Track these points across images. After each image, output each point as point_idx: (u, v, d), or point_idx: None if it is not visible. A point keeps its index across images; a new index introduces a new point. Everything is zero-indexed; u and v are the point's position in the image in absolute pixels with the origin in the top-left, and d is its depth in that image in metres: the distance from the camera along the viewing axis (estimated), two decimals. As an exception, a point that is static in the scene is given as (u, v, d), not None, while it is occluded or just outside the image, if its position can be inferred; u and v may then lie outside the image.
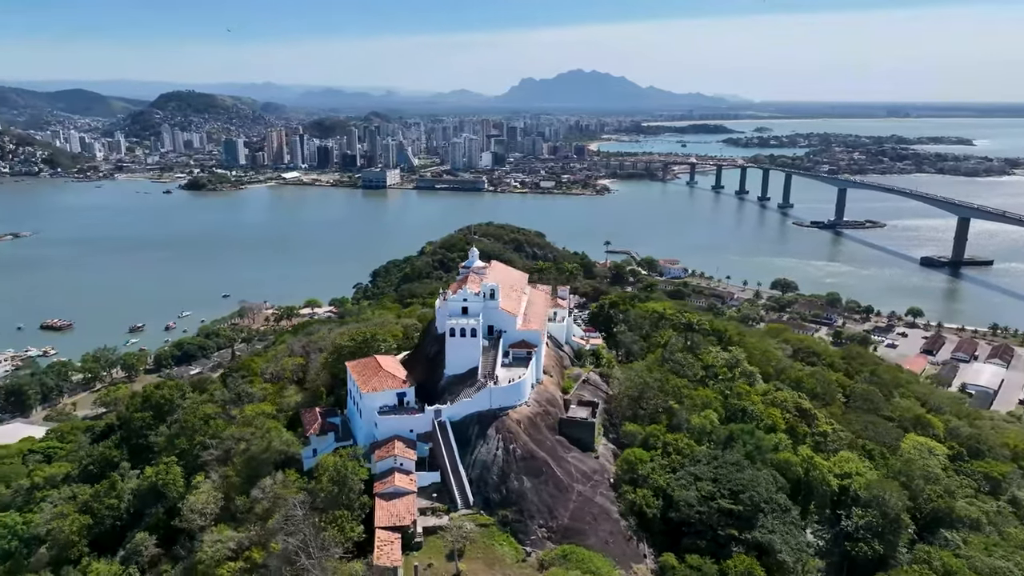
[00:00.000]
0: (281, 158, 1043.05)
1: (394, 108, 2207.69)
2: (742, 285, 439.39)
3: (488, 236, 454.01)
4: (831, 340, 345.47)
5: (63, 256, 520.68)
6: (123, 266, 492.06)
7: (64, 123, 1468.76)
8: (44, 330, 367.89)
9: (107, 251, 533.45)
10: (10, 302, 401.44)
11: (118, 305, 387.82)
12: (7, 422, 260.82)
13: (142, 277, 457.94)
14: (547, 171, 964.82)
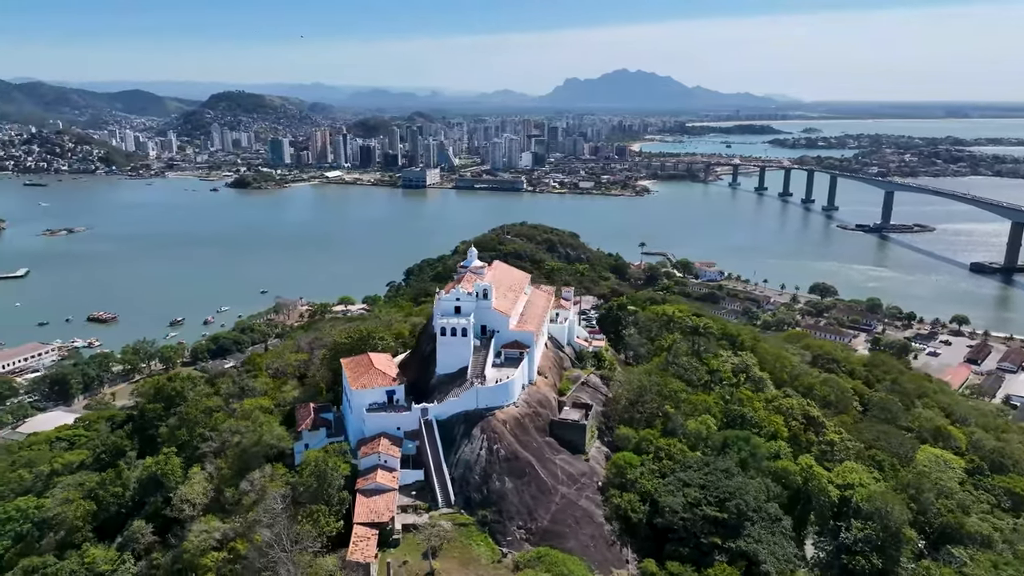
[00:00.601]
0: (325, 157, 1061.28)
1: (438, 108, 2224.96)
2: (779, 289, 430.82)
3: (521, 236, 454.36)
4: (868, 347, 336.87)
5: (113, 251, 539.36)
6: (168, 261, 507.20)
7: (121, 123, 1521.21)
8: (91, 322, 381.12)
9: (154, 246, 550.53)
10: (62, 295, 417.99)
11: (161, 299, 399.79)
12: (50, 409, 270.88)
13: (185, 272, 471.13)
14: (587, 171, 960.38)
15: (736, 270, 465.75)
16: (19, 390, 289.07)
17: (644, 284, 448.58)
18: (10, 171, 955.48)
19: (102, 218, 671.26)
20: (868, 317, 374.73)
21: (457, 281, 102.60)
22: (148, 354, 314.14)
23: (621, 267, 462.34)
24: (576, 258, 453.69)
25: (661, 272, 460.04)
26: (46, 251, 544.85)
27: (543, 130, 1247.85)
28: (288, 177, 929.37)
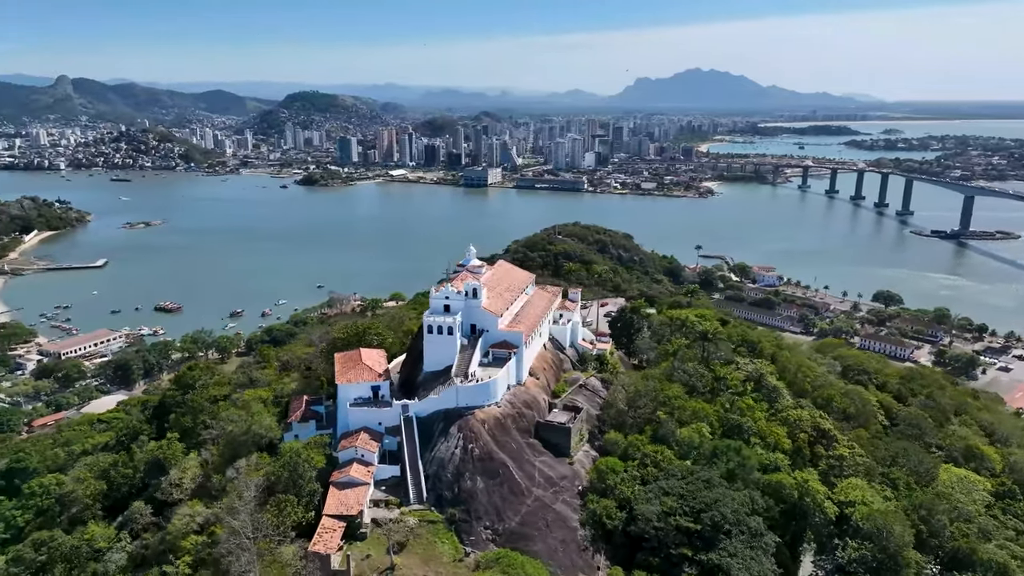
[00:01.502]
0: (391, 156, 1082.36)
1: (507, 108, 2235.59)
2: (840, 296, 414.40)
3: (572, 236, 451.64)
4: (933, 359, 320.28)
5: (185, 244, 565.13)
6: (234, 255, 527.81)
7: (203, 121, 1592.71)
8: (158, 311, 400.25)
9: (223, 240, 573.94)
10: (134, 285, 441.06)
11: (224, 291, 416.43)
12: (112, 393, 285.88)
13: (249, 266, 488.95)
14: (650, 172, 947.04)
15: (797, 276, 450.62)
16: (87, 373, 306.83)
17: (698, 287, 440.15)
18: (100, 167, 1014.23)
19: (177, 212, 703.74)
20: (934, 328, 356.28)
21: (453, 280, 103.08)
22: (205, 343, 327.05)
23: (675, 270, 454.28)
24: (628, 260, 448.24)
25: (716, 276, 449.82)
26: (124, 243, 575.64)
27: (608, 130, 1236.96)
28: (354, 175, 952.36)
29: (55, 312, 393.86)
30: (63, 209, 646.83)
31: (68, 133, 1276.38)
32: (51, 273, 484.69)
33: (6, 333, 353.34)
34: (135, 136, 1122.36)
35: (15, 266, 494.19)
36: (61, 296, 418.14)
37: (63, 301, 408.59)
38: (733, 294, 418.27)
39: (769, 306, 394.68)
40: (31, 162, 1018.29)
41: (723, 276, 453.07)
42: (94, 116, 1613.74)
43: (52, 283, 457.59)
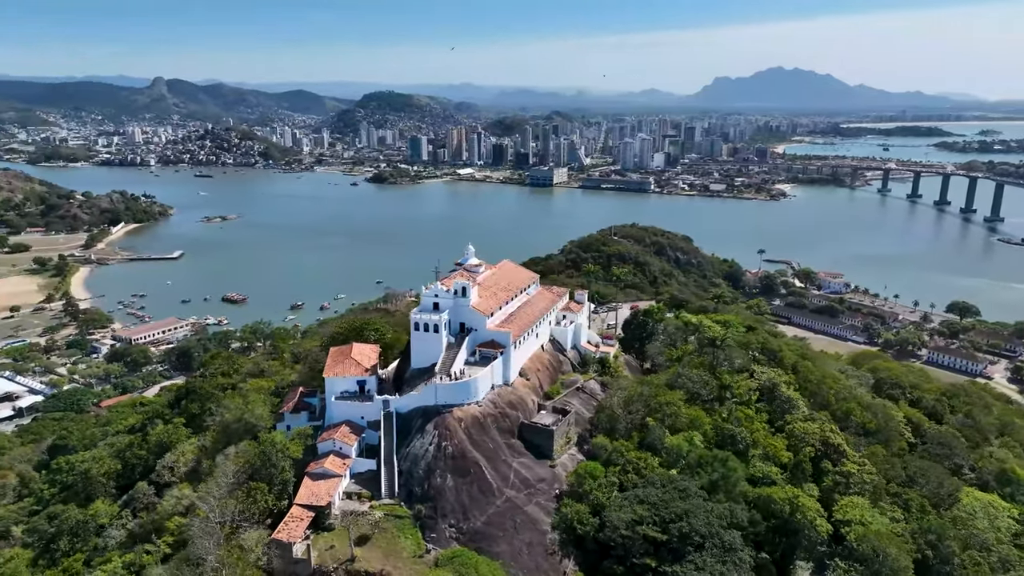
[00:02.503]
0: (460, 155, 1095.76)
1: (581, 108, 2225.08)
2: (911, 306, 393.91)
3: (629, 237, 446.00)
4: (1009, 375, 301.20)
5: (256, 238, 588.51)
6: (301, 249, 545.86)
7: (284, 120, 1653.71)
8: (224, 302, 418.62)
9: (292, 235, 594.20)
10: (205, 276, 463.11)
11: (289, 284, 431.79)
12: (174, 378, 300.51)
13: (315, 260, 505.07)
14: (721, 173, 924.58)
15: (866, 283, 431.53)
16: (152, 359, 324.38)
17: (758, 293, 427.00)
18: (186, 163, 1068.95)
19: (252, 207, 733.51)
20: (1013, 342, 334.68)
21: (449, 278, 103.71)
22: (263, 334, 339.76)
23: (735, 274, 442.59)
24: (686, 263, 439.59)
25: (778, 281, 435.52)
26: (201, 236, 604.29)
27: (680, 130, 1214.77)
28: (423, 173, 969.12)
29: (131, 300, 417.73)
30: (148, 203, 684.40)
31: (160, 131, 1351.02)
32: (132, 263, 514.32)
33: (86, 318, 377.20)
34: (219, 134, 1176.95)
35: (101, 256, 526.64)
36: (139, 285, 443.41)
37: (140, 290, 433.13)
38: (794, 300, 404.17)
39: (832, 314, 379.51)
40: (125, 158, 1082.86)
41: (785, 281, 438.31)
42: (185, 115, 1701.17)
43: (132, 273, 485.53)
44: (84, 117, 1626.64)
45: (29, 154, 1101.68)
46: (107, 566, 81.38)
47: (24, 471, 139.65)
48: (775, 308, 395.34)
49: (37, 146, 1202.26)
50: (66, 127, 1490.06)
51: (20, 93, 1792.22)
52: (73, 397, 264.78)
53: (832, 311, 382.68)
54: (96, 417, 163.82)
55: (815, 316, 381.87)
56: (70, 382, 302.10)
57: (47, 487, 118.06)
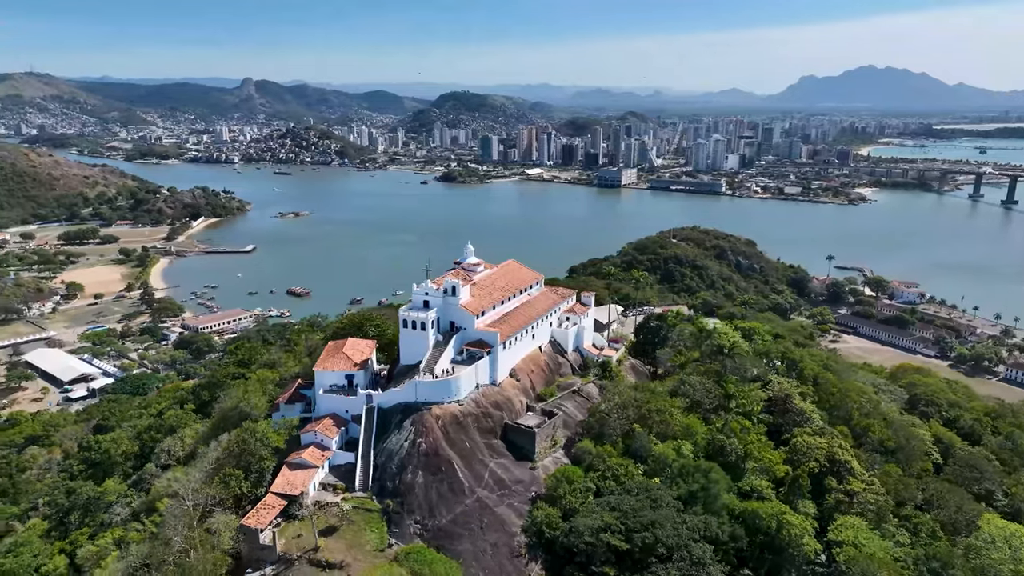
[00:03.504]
0: (530, 155, 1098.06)
1: (658, 108, 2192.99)
2: (992, 319, 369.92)
3: (689, 240, 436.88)
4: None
5: (326, 233, 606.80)
6: (367, 245, 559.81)
7: (363, 120, 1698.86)
8: (289, 295, 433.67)
9: (359, 231, 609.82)
10: (274, 269, 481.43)
11: (351, 279, 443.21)
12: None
13: (378, 256, 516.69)
14: (798, 176, 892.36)
15: (944, 294, 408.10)
16: (215, 348, 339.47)
17: (824, 301, 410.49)
18: (267, 161, 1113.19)
19: (325, 204, 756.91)
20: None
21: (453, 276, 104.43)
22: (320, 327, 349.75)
23: (800, 280, 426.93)
24: (748, 267, 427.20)
25: (847, 289, 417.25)
26: (274, 231, 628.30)
27: (757, 131, 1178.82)
28: (491, 173, 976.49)
29: (203, 290, 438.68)
30: (227, 199, 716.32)
31: (246, 130, 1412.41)
32: (208, 256, 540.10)
33: (160, 307, 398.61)
34: (298, 133, 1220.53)
35: (180, 248, 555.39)
36: (211, 277, 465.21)
37: (212, 281, 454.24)
38: (862, 310, 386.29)
39: (901, 325, 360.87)
40: (212, 156, 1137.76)
41: (854, 289, 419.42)
42: (270, 115, 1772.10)
43: (207, 265, 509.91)
44: (178, 116, 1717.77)
45: (127, 151, 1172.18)
46: (100, 541, 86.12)
47: (70, 448, 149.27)
48: (840, 317, 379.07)
49: (135, 144, 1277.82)
50: (162, 126, 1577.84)
51: (124, 94, 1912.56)
52: (139, 381, 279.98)
53: (902, 322, 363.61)
54: (140, 400, 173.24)
55: (883, 327, 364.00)
56: (139, 367, 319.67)
57: (77, 464, 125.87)
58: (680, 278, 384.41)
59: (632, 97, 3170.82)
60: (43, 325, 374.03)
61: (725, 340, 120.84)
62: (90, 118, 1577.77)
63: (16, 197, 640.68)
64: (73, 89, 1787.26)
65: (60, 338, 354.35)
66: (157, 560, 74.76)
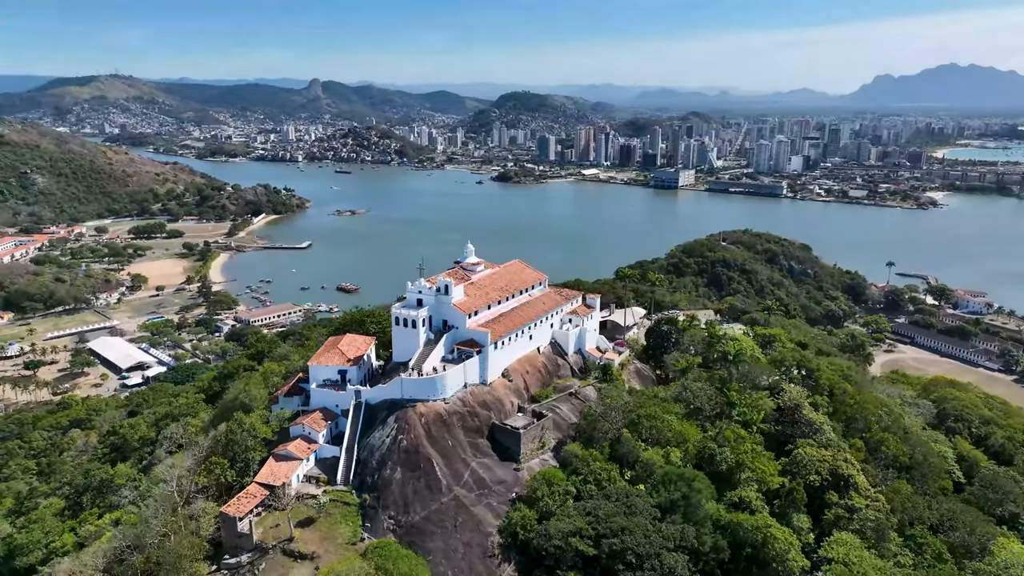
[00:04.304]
0: (587, 155, 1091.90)
1: (723, 108, 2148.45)
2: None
3: (739, 244, 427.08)
4: None
5: (378, 231, 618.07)
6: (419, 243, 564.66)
7: (424, 120, 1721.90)
8: (339, 291, 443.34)
9: (412, 229, 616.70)
10: (327, 265, 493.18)
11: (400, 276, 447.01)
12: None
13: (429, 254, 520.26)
14: (865, 179, 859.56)
15: (1014, 305, 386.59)
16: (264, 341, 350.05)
17: (882, 308, 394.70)
18: (329, 160, 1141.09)
19: (381, 202, 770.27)
20: None
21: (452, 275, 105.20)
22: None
23: (857, 287, 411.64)
24: (801, 272, 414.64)
25: (906, 297, 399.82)
26: (330, 228, 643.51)
27: (823, 132, 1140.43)
28: (547, 173, 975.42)
29: (258, 285, 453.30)
30: (287, 196, 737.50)
31: (311, 129, 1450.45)
32: (266, 251, 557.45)
33: (216, 300, 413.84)
34: (359, 132, 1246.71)
35: (240, 243, 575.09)
36: (267, 272, 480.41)
37: (267, 276, 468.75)
38: (921, 319, 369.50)
39: (963, 336, 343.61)
40: (277, 154, 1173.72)
41: (914, 298, 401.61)
42: (336, 115, 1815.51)
43: (264, 260, 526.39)
44: (249, 116, 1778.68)
45: (198, 149, 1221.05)
46: (99, 521, 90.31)
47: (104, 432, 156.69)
48: (897, 326, 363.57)
49: (206, 142, 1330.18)
50: (233, 125, 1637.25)
51: (199, 95, 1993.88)
52: (189, 370, 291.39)
53: (964, 333, 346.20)
54: (176, 388, 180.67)
55: (943, 337, 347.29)
56: (192, 357, 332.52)
57: (102, 447, 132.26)
58: (727, 282, 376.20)
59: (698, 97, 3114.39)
60: (108, 315, 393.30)
61: (731, 346, 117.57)
62: (167, 118, 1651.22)
63: (93, 193, 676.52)
64: (153, 90, 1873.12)
65: (122, 327, 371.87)
66: (142, 542, 77.79)
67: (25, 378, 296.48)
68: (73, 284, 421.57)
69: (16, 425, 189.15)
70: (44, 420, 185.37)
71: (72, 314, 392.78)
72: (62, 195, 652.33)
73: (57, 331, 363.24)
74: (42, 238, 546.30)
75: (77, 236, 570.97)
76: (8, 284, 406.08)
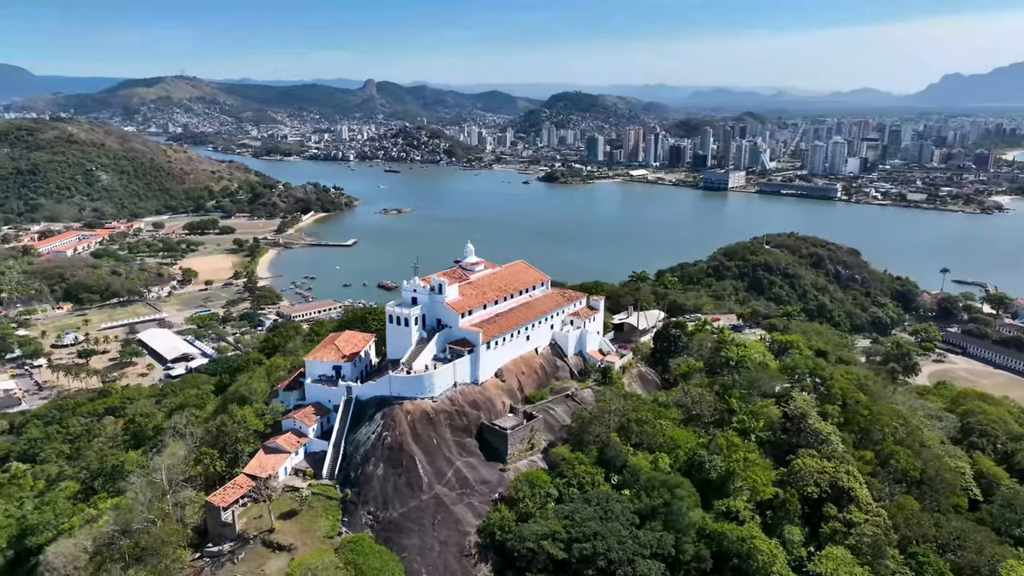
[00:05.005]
0: (636, 155, 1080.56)
1: (780, 109, 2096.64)
2: None
3: (783, 247, 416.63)
4: None
5: (423, 230, 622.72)
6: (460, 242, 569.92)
7: (476, 120, 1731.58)
8: (379, 288, 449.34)
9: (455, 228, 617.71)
10: (370, 263, 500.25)
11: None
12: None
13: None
14: (925, 181, 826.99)
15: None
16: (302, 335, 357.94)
17: (934, 317, 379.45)
18: (380, 159, 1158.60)
19: (427, 201, 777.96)
20: None
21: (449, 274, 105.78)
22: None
23: (908, 294, 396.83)
24: (848, 277, 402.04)
25: (960, 305, 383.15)
26: (376, 226, 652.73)
27: (883, 133, 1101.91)
28: (595, 174, 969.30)
29: (302, 281, 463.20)
30: (336, 194, 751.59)
31: (364, 129, 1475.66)
32: (312, 248, 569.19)
33: (260, 295, 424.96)
34: (409, 132, 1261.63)
35: (288, 240, 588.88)
36: (312, 268, 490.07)
37: (312, 273, 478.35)
38: (975, 328, 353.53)
39: (1020, 347, 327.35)
40: (329, 154, 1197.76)
41: (969, 306, 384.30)
42: (389, 115, 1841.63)
43: (310, 257, 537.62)
44: (304, 116, 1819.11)
45: (255, 148, 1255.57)
46: (101, 505, 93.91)
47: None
48: (948, 336, 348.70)
49: (263, 141, 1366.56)
50: (289, 125, 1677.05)
51: (259, 95, 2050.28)
52: (228, 363, 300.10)
53: (1021, 344, 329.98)
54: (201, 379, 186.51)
55: (998, 348, 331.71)
56: (233, 349, 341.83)
57: (123, 433, 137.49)
58: (768, 286, 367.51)
59: (754, 97, 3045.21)
60: (158, 307, 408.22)
61: (733, 352, 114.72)
62: (227, 117, 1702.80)
63: (152, 189, 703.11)
64: (215, 91, 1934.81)
65: (170, 320, 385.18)
66: (130, 527, 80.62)
67: (78, 366, 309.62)
68: (128, 277, 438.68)
69: (58, 411, 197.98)
70: (83, 407, 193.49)
71: (126, 306, 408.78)
72: (123, 191, 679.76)
73: (111, 322, 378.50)
74: (103, 232, 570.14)
75: (135, 231, 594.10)
76: (69, 276, 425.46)
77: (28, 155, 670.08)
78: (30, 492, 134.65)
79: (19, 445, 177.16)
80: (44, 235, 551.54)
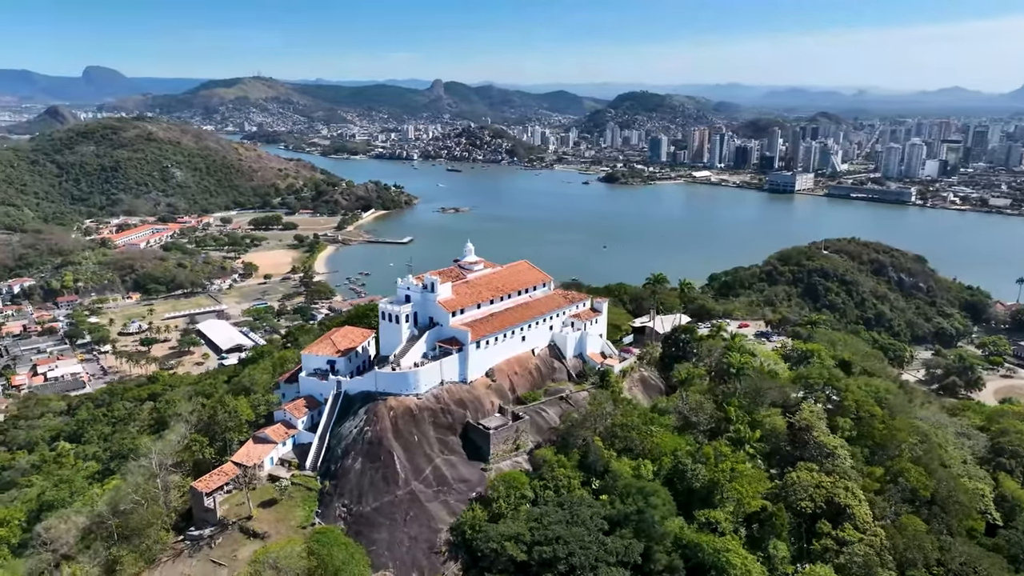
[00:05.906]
0: (701, 156, 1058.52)
1: (859, 108, 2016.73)
2: None
3: (843, 252, 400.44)
4: None
5: (479, 228, 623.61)
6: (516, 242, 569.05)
7: (541, 120, 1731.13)
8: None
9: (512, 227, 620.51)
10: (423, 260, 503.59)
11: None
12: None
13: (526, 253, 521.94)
14: (1011, 186, 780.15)
15: None
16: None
17: (1006, 329, 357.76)
18: (443, 158, 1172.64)
19: (486, 200, 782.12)
20: None
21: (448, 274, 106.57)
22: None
23: (978, 304, 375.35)
24: (911, 285, 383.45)
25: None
26: (434, 224, 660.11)
27: (967, 135, 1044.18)
28: (656, 174, 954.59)
29: (356, 277, 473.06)
30: (397, 192, 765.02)
31: (430, 128, 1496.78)
32: (369, 245, 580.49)
33: (315, 290, 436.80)
34: (472, 132, 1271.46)
35: (347, 237, 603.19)
36: (367, 264, 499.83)
37: (366, 269, 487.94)
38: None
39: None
40: (394, 153, 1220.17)
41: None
42: (455, 114, 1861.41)
43: (367, 253, 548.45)
44: (373, 116, 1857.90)
45: (324, 147, 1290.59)
46: (108, 485, 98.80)
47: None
48: (1020, 349, 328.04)
49: (332, 140, 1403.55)
50: (358, 124, 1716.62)
51: (331, 95, 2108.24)
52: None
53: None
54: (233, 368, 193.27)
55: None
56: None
57: (151, 419, 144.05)
58: (824, 293, 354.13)
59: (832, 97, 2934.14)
60: (219, 299, 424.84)
61: (735, 359, 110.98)
62: (300, 117, 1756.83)
63: (223, 186, 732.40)
64: (289, 91, 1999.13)
65: (228, 311, 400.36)
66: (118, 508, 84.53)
67: (139, 353, 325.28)
68: (192, 270, 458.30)
69: (108, 395, 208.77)
70: (130, 392, 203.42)
71: (189, 297, 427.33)
72: (196, 188, 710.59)
73: (173, 312, 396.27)
74: (175, 227, 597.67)
75: (204, 226, 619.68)
76: (139, 267, 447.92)
77: (111, 152, 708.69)
78: (71, 471, 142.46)
79: (70, 426, 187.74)
80: (121, 228, 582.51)
